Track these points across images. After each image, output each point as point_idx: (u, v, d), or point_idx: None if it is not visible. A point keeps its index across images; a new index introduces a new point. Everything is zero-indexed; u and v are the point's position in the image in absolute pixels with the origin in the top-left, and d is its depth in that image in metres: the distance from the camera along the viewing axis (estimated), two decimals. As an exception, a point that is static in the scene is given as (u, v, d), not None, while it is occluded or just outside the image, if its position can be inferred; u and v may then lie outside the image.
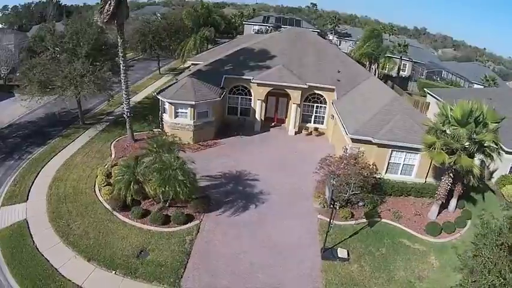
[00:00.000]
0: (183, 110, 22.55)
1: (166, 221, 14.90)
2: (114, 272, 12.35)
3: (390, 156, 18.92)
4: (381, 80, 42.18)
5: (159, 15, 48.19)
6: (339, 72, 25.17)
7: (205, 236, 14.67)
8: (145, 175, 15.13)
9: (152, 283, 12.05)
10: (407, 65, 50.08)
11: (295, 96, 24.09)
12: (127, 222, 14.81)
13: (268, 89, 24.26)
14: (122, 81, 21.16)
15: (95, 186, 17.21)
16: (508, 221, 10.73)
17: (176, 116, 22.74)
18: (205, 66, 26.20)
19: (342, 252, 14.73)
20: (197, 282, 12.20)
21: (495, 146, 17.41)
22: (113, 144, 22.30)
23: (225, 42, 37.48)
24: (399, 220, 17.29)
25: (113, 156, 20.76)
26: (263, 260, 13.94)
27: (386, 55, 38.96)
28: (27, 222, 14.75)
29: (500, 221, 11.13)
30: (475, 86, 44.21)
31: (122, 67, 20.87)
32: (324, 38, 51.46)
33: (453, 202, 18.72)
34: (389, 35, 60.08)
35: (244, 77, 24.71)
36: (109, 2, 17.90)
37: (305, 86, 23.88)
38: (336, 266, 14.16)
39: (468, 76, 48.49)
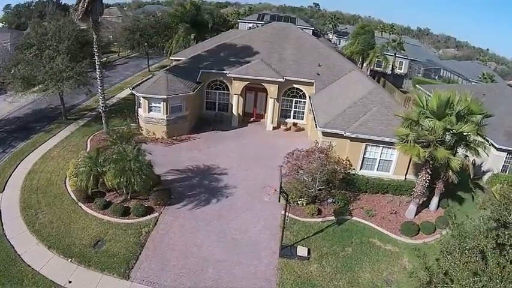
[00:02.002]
0: (157, 104, 22.21)
1: (126, 212, 14.98)
2: (70, 260, 12.63)
3: (365, 151, 17.89)
4: (374, 77, 41.24)
5: (159, 13, 47.86)
6: (319, 65, 24.26)
7: (162, 228, 14.55)
8: (104, 166, 15.17)
9: (103, 272, 12.17)
10: (404, 63, 48.86)
11: (272, 90, 23.28)
12: (89, 213, 15.02)
13: (245, 83, 23.57)
14: (98, 77, 21.35)
15: (66, 178, 17.34)
16: (485, 221, 9.55)
17: (150, 111, 22.43)
18: (184, 62, 25.88)
19: (301, 251, 13.76)
20: (146, 274, 12.19)
21: (480, 139, 16.34)
22: (89, 138, 22.41)
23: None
24: (372, 219, 16.23)
25: (87, 149, 20.73)
26: (217, 255, 13.43)
27: (379, 52, 37.81)
28: (0, 211, 15.10)
29: (476, 221, 10.06)
30: (473, 83, 42.82)
31: (97, 63, 20.97)
32: (319, 36, 50.62)
33: (434, 201, 17.61)
34: (390, 33, 58.87)
35: (221, 71, 24.07)
36: None
37: (282, 80, 23.08)
38: (294, 265, 13.25)
39: (466, 74, 47.12)
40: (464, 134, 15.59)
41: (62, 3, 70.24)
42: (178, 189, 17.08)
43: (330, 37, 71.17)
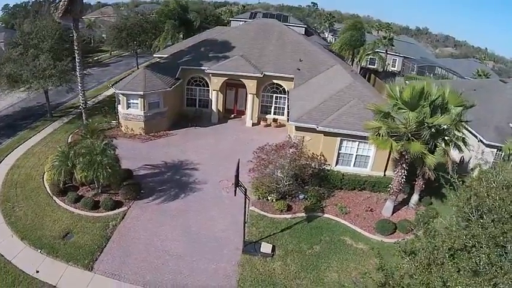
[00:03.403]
0: (134, 101, 22.07)
1: (96, 206, 15.22)
2: (39, 251, 13.02)
3: (340, 146, 17.32)
4: (365, 74, 40.64)
5: (146, 11, 47.65)
6: (300, 61, 23.75)
7: (129, 222, 14.63)
8: (74, 160, 15.28)
9: (69, 263, 12.44)
10: (397, 60, 48.21)
11: (251, 86, 22.83)
12: (62, 206, 15.30)
13: (224, 79, 23.18)
14: (78, 75, 21.50)
15: (44, 173, 17.49)
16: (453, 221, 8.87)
17: (128, 107, 22.30)
18: (165, 59, 25.64)
19: (265, 247, 13.25)
20: (109, 266, 12.43)
21: (459, 134, 15.71)
22: (70, 135, 22.52)
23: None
24: (345, 216, 15.65)
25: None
26: (179, 249, 13.30)
27: (371, 49, 37.22)
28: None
29: (447, 219, 9.44)
30: (465, 80, 42.20)
31: (77, 62, 21.09)
32: (312, 34, 50.13)
33: (414, 198, 16.99)
34: (386, 32, 58.06)
35: (199, 67, 23.72)
36: None
37: (260, 75, 22.63)
38: (256, 262, 12.79)
39: (461, 72, 46.44)
40: (442, 127, 15.01)
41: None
42: (149, 184, 17.07)
43: (326, 35, 70.67)
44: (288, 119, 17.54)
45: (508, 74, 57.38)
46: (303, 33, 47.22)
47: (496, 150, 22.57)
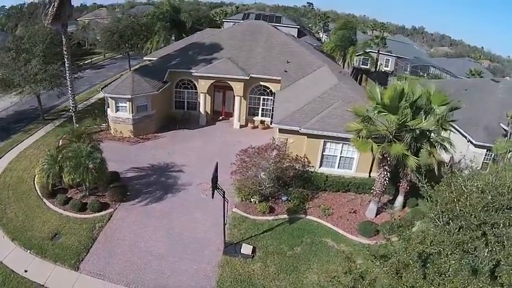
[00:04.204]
0: (123, 104, 22.33)
1: (83, 208, 15.53)
2: (29, 251, 13.40)
3: (324, 148, 17.42)
4: (357, 75, 40.69)
5: (138, 13, 47.69)
6: (288, 62, 23.86)
7: (115, 223, 14.96)
8: (62, 164, 15.70)
9: (56, 263, 12.82)
10: (390, 60, 48.31)
11: (238, 88, 22.98)
12: (51, 208, 15.65)
13: (211, 81, 23.35)
14: (67, 79, 21.98)
15: (35, 176, 17.82)
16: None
17: (117, 110, 22.55)
18: (154, 62, 25.85)
19: (245, 249, 13.41)
20: (94, 266, 12.78)
21: (445, 135, 15.77)
22: (61, 138, 22.31)
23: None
24: (328, 218, 15.74)
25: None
26: (162, 250, 13.61)
27: (361, 49, 37.30)
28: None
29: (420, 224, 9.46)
30: (456, 79, 42.34)
31: (66, 66, 21.59)
32: (305, 35, 50.20)
33: (399, 200, 17.04)
34: (380, 31, 58.15)
35: (187, 70, 23.87)
36: (52, 4, 18.98)
37: (247, 78, 22.77)
38: (236, 263, 12.99)
39: (455, 71, 46.55)
40: (424, 129, 15.02)
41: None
42: (135, 186, 17.35)
43: (321, 35, 70.76)
44: (271, 121, 17.61)
45: (503, 73, 57.48)
46: (296, 33, 47.43)
47: (485, 150, 22.63)
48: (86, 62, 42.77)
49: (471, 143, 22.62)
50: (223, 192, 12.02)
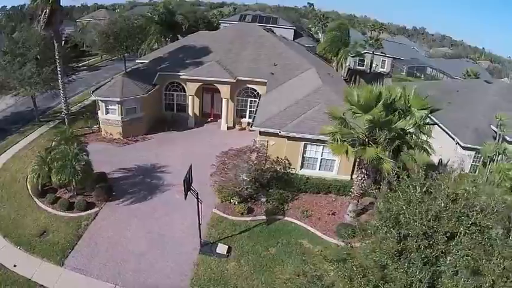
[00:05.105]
0: (112, 107, 22.89)
1: (70, 207, 16.20)
2: (18, 247, 14.16)
3: (304, 150, 17.68)
4: (351, 76, 40.83)
5: (133, 16, 48.05)
6: (275, 65, 24.15)
7: (99, 222, 15.58)
8: (50, 164, 16.43)
9: (43, 259, 13.55)
10: (386, 61, 48.35)
11: (225, 90, 23.34)
12: (41, 207, 16.35)
13: (198, 84, 23.77)
14: (60, 82, 22.82)
15: (27, 176, 18.52)
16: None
17: (107, 113, 23.11)
18: (145, 65, 26.39)
19: (221, 248, 13.82)
20: (78, 262, 13.49)
21: (424, 137, 15.88)
22: (53, 141, 22.65)
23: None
24: (306, 219, 16.01)
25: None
26: (142, 248, 14.20)
27: (354, 50, 37.45)
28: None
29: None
30: (449, 80, 42.42)
31: (58, 69, 22.38)
32: (301, 35, 50.43)
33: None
34: (379, 32, 58.17)
35: (175, 73, 24.32)
36: (44, 11, 19.72)
37: (233, 80, 23.10)
38: (211, 262, 13.46)
39: (453, 72, 46.56)
40: (404, 131, 15.12)
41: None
42: (121, 186, 17.95)
43: (320, 36, 70.80)
44: (251, 124, 17.95)
45: (500, 74, 57.25)
46: (292, 34, 47.69)
47: (474, 153, 22.59)
48: (82, 63, 43.40)
49: (459, 145, 22.64)
50: (197, 193, 12.39)
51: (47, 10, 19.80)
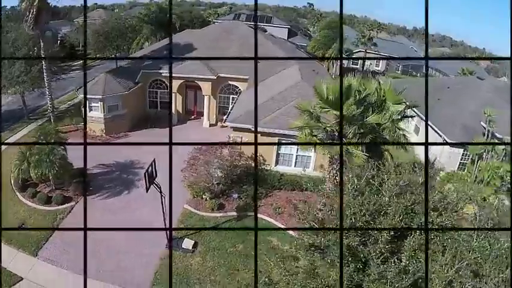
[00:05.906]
0: (95, 104, 23.12)
1: (48, 201, 16.69)
2: None
3: (279, 146, 17.58)
4: (343, 74, 40.53)
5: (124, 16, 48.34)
6: (258, 62, 24.04)
7: (75, 216, 15.99)
8: (29, 159, 16.80)
9: (19, 250, 14.12)
10: (381, 60, 48.04)
11: (206, 87, 23.38)
12: (22, 200, 16.96)
13: (180, 81, 23.81)
14: (45, 81, 23.31)
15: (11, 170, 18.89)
16: None
17: (90, 110, 23.25)
18: (129, 63, 27.01)
19: (187, 243, 13.86)
20: (51, 254, 14.01)
21: (401, 132, 15.68)
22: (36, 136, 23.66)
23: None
24: (277, 216, 15.89)
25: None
26: (112, 242, 14.27)
27: (347, 48, 37.24)
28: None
29: None
30: (441, 77, 42.15)
31: (44, 69, 22.94)
32: (296, 34, 50.35)
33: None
34: (377, 32, 57.62)
35: (158, 71, 24.52)
36: (31, 11, 20.33)
37: (214, 77, 23.07)
38: (176, 256, 13.56)
39: (448, 71, 46.33)
40: (378, 126, 14.95)
41: (52, 6, 71.61)
42: (99, 181, 18.27)
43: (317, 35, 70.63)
44: (224, 120, 17.89)
45: (497, 73, 56.61)
46: (286, 33, 47.68)
47: (463, 150, 22.23)
48: (77, 63, 43.78)
49: (446, 142, 22.29)
50: (160, 188, 12.39)
51: (34, 10, 20.20)
